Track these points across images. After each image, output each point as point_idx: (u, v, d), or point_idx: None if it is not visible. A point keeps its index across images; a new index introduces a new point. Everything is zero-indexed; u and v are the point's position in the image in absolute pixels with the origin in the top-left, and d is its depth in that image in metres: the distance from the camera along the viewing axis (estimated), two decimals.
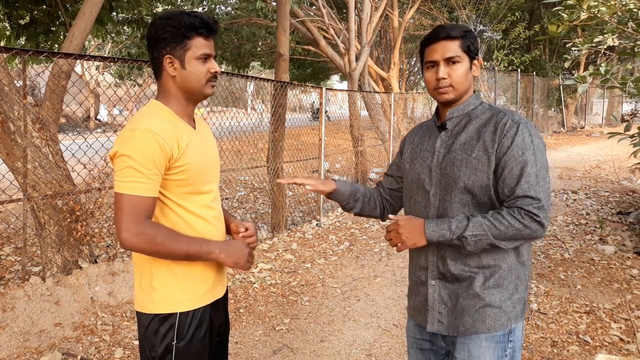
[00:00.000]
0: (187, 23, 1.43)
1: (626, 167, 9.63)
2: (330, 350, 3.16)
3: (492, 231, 1.35)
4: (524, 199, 1.35)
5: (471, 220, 1.38)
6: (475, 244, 1.37)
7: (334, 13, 11.32)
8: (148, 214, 1.38)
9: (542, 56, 18.50)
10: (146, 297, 1.48)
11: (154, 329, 1.46)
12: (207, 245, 1.45)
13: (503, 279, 1.46)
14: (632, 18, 4.94)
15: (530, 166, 1.37)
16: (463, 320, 1.47)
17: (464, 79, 1.48)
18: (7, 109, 3.43)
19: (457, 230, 1.38)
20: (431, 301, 1.53)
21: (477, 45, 1.52)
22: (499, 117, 1.46)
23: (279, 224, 5.99)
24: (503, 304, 1.46)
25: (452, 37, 1.47)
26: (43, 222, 3.68)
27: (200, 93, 1.49)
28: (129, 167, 1.36)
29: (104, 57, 4.25)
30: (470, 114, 1.52)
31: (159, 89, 1.51)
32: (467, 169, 1.45)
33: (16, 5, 6.20)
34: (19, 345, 3.00)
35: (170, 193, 1.45)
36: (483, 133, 1.46)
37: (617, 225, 5.80)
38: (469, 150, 1.46)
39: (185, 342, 1.47)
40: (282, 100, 5.88)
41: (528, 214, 1.33)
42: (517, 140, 1.39)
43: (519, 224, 1.34)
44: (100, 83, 20.94)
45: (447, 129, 1.54)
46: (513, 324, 1.48)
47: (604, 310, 3.60)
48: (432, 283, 1.53)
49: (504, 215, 1.36)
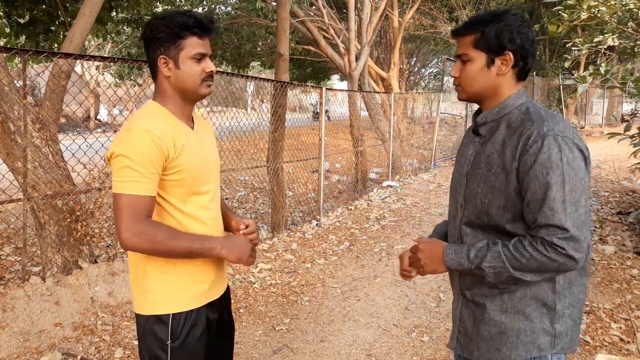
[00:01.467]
0: (180, 22, 1.42)
1: (626, 167, 9.63)
2: (330, 350, 3.16)
3: (511, 263, 1.21)
4: (547, 228, 1.18)
5: (490, 250, 1.24)
6: (496, 276, 1.24)
7: (334, 13, 11.31)
8: (147, 213, 1.38)
9: (542, 56, 18.50)
10: (141, 298, 1.49)
11: (149, 329, 1.47)
12: (208, 242, 1.45)
13: (525, 305, 1.29)
14: (632, 18, 4.94)
15: (555, 189, 1.18)
16: (478, 345, 1.36)
17: (474, 79, 1.33)
18: (7, 109, 3.43)
19: (475, 260, 1.26)
20: (454, 317, 1.46)
21: (505, 37, 1.28)
22: (525, 126, 1.25)
23: (279, 224, 5.99)
24: (522, 333, 1.30)
25: (462, 33, 1.34)
26: (43, 222, 3.68)
27: (196, 93, 1.49)
28: (126, 166, 1.35)
29: (104, 57, 4.25)
30: (504, 120, 1.32)
31: (156, 89, 1.51)
32: (485, 186, 1.30)
33: (16, 5, 6.20)
34: (19, 345, 3.00)
35: (166, 194, 1.45)
36: (507, 147, 1.27)
37: (617, 225, 5.80)
38: (489, 165, 1.30)
39: (179, 341, 1.47)
40: (282, 100, 5.88)
41: (552, 245, 1.17)
42: (541, 157, 1.20)
43: (541, 257, 1.18)
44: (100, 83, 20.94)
45: (480, 135, 1.38)
46: (536, 355, 1.29)
47: (604, 310, 3.60)
48: (456, 298, 1.46)
49: (525, 245, 1.20)
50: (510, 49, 1.29)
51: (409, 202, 7.56)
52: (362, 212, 6.97)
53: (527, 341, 1.29)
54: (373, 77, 14.56)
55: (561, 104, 20.77)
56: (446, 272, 1.37)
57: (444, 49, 19.45)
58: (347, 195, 8.52)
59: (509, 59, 1.30)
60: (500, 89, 1.34)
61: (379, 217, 6.63)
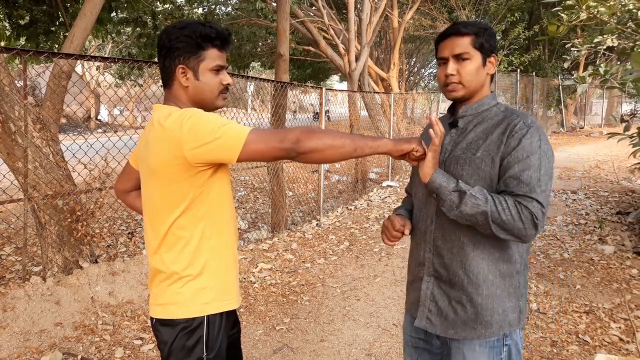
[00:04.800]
0: (202, 33, 1.41)
1: (625, 167, 9.64)
2: (330, 349, 3.17)
3: (490, 206, 1.31)
4: (524, 199, 1.31)
5: (477, 187, 1.35)
6: (471, 207, 1.32)
7: (334, 13, 11.33)
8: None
9: (541, 56, 18.51)
10: (183, 300, 1.45)
11: (191, 331, 1.45)
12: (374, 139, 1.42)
13: (496, 287, 1.42)
14: (632, 18, 4.95)
15: (533, 170, 1.33)
16: (454, 325, 1.45)
17: (473, 76, 1.44)
18: (8, 109, 3.44)
19: (462, 186, 1.35)
20: (423, 297, 1.52)
21: (493, 43, 1.46)
22: (511, 118, 1.42)
23: (279, 224, 6.00)
24: (495, 314, 1.42)
25: (462, 33, 1.43)
26: (44, 222, 3.69)
27: (212, 104, 1.48)
28: (210, 119, 1.34)
29: (105, 58, 4.26)
30: (484, 115, 1.48)
31: (168, 96, 1.48)
32: (470, 168, 1.41)
33: (16, 5, 6.21)
34: (19, 345, 3.01)
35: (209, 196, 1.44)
36: (491, 134, 1.42)
37: (617, 225, 5.81)
38: (473, 150, 1.43)
39: (215, 352, 1.49)
40: (282, 100, 5.88)
41: (528, 210, 1.29)
42: (524, 142, 1.35)
43: (516, 215, 1.29)
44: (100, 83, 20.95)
45: (458, 127, 1.50)
46: (507, 331, 1.44)
47: (604, 310, 3.61)
48: (426, 279, 1.52)
49: (507, 199, 1.32)
50: (495, 52, 1.49)
51: None
52: (362, 212, 6.97)
53: (500, 320, 1.43)
54: (373, 77, 14.57)
55: (560, 104, 20.78)
56: (425, 182, 1.40)
57: None
58: (347, 195, 8.53)
59: (494, 61, 1.48)
60: (484, 87, 1.49)
61: (379, 217, 6.64)
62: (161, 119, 1.38)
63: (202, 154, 1.33)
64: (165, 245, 1.45)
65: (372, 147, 1.39)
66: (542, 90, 19.17)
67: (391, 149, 1.41)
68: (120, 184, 1.74)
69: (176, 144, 1.33)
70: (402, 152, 1.41)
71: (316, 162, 1.39)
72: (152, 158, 1.39)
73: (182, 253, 1.44)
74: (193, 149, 1.32)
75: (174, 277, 1.44)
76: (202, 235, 1.44)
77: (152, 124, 1.43)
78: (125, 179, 1.72)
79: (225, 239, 1.50)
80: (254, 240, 5.51)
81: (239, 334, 1.70)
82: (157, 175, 1.40)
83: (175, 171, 1.36)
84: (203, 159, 1.34)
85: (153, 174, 1.41)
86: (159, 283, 1.47)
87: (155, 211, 1.45)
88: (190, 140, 1.31)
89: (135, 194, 1.73)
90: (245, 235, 5.72)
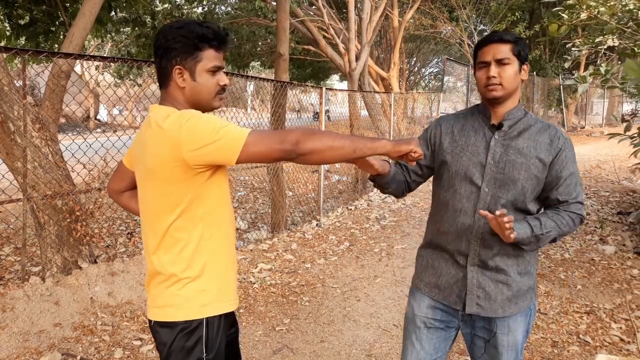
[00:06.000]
0: (199, 34, 1.39)
1: (626, 167, 9.63)
2: (330, 350, 3.16)
3: (557, 230, 1.57)
4: (576, 205, 1.61)
5: (541, 221, 1.56)
6: (546, 241, 1.58)
7: (334, 13, 11.31)
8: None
9: (542, 56, 18.50)
10: (181, 302, 1.44)
11: (188, 333, 1.44)
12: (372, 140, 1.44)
13: (530, 265, 1.69)
14: (632, 18, 4.94)
15: (577, 177, 1.62)
16: (503, 305, 1.65)
17: (512, 80, 1.60)
18: (7, 109, 3.42)
19: (537, 230, 1.54)
20: (470, 286, 1.67)
21: (527, 52, 1.65)
22: (551, 130, 1.64)
23: (279, 224, 5.98)
24: (530, 289, 1.69)
25: (504, 40, 1.60)
26: (43, 222, 3.68)
27: (209, 105, 1.47)
28: (209, 120, 1.33)
29: (104, 57, 4.25)
30: (524, 121, 1.66)
31: (164, 97, 1.47)
32: (526, 173, 1.60)
33: (16, 6, 6.20)
34: (18, 345, 3.00)
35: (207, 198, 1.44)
36: (539, 142, 1.61)
37: (618, 226, 5.80)
38: (527, 156, 1.60)
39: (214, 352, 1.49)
40: (282, 100, 5.87)
41: (579, 217, 1.61)
42: (568, 154, 1.61)
43: (572, 224, 1.60)
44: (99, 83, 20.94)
45: (502, 130, 1.64)
46: (534, 301, 1.73)
47: (604, 311, 3.60)
48: (471, 269, 1.66)
49: (563, 216, 1.59)
50: (528, 61, 1.67)
51: (409, 202, 7.56)
52: (362, 212, 6.96)
53: (531, 294, 1.71)
54: (373, 77, 14.56)
55: (561, 104, 20.77)
56: (512, 241, 1.54)
57: (444, 48, 19.45)
58: (347, 195, 8.52)
59: (527, 68, 1.66)
60: (517, 92, 1.67)
61: (379, 217, 6.63)
62: (159, 120, 1.37)
63: (201, 155, 1.32)
64: (163, 247, 1.44)
65: (370, 148, 1.40)
66: (543, 90, 19.16)
67: (390, 150, 1.42)
68: (113, 184, 1.72)
69: (175, 146, 1.31)
70: (401, 153, 1.43)
71: (315, 164, 1.39)
72: (150, 159, 1.38)
73: (181, 255, 1.42)
74: (192, 150, 1.31)
75: (173, 279, 1.43)
76: (201, 237, 1.43)
77: (150, 124, 1.41)
78: (119, 179, 1.70)
79: (223, 240, 1.49)
80: (253, 240, 5.50)
81: (237, 334, 1.69)
82: (154, 177, 1.39)
83: (174, 173, 1.35)
84: (202, 160, 1.33)
85: (150, 175, 1.40)
86: (157, 285, 1.46)
87: (152, 213, 1.44)
88: (189, 142, 1.30)
89: (129, 194, 1.71)
90: (245, 236, 5.71)
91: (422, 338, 1.75)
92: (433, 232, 1.76)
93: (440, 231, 1.72)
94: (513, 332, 1.67)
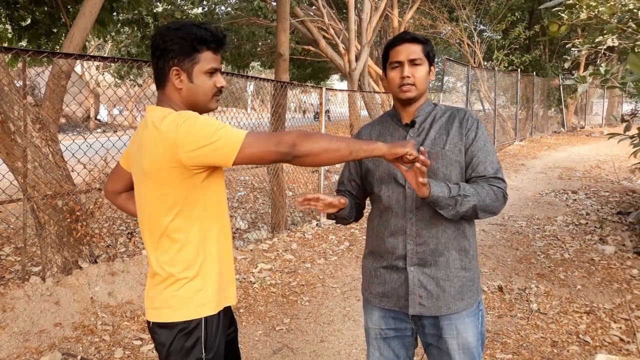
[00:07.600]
0: (197, 36, 1.40)
1: (626, 167, 9.63)
2: (330, 350, 3.16)
3: (477, 197, 1.54)
4: (495, 179, 1.59)
5: (460, 185, 1.54)
6: (465, 205, 1.52)
7: (334, 13, 11.32)
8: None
9: (542, 56, 18.49)
10: (178, 303, 1.44)
11: (187, 333, 1.44)
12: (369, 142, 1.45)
13: (471, 258, 1.67)
14: (632, 18, 4.94)
15: (491, 155, 1.63)
16: (445, 301, 1.62)
17: (424, 80, 1.64)
18: (7, 109, 3.43)
19: (454, 191, 1.51)
20: (412, 287, 1.64)
21: (434, 54, 1.70)
22: (459, 113, 1.68)
23: (279, 224, 5.99)
24: (474, 282, 1.67)
25: (417, 40, 1.63)
26: (43, 222, 3.68)
27: (206, 107, 1.48)
28: (206, 122, 1.33)
29: (104, 57, 4.25)
30: (433, 114, 1.69)
31: (161, 98, 1.47)
32: (443, 160, 1.61)
33: (17, 7, 6.20)
34: (19, 345, 3.00)
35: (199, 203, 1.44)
36: (450, 129, 1.64)
37: (617, 225, 5.80)
38: (440, 145, 1.63)
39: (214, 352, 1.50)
40: (282, 100, 5.88)
41: (500, 190, 1.58)
42: (479, 133, 1.63)
43: (495, 196, 1.56)
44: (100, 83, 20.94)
45: (415, 127, 1.68)
46: (480, 298, 1.70)
47: (604, 310, 3.60)
48: (411, 269, 1.64)
49: (483, 186, 1.57)
50: (434, 63, 1.72)
51: None
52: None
53: (475, 286, 1.68)
54: (373, 77, 14.56)
55: (561, 104, 20.77)
56: (426, 196, 1.49)
57: (443, 49, 19.44)
58: None
59: (433, 70, 1.71)
60: (426, 90, 1.72)
61: None
62: (156, 121, 1.37)
63: (198, 157, 1.32)
64: (161, 248, 1.44)
65: (366, 150, 1.41)
66: (543, 90, 19.15)
67: (385, 153, 1.43)
68: (110, 186, 1.71)
69: (172, 147, 1.32)
70: (396, 156, 1.43)
71: (312, 165, 1.40)
72: (146, 160, 1.38)
73: (178, 255, 1.43)
74: (189, 152, 1.31)
75: (170, 279, 1.44)
76: (198, 237, 1.44)
77: (146, 125, 1.41)
78: (116, 180, 1.70)
79: (220, 240, 1.50)
80: (253, 240, 5.50)
81: (236, 334, 1.69)
82: (151, 178, 1.39)
83: (170, 174, 1.36)
84: (199, 162, 1.34)
85: (147, 176, 1.40)
86: (155, 286, 1.47)
87: (149, 213, 1.44)
88: (186, 143, 1.31)
89: (126, 195, 1.70)
90: (245, 236, 5.71)
91: (380, 347, 1.74)
92: (372, 240, 1.75)
93: (377, 237, 1.72)
94: (462, 334, 1.63)
